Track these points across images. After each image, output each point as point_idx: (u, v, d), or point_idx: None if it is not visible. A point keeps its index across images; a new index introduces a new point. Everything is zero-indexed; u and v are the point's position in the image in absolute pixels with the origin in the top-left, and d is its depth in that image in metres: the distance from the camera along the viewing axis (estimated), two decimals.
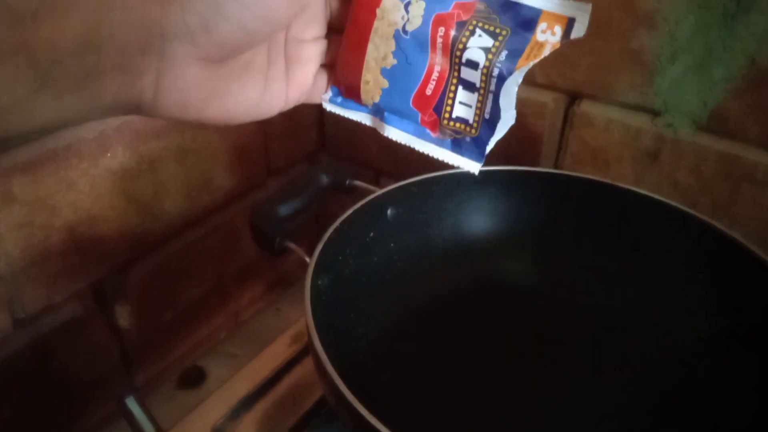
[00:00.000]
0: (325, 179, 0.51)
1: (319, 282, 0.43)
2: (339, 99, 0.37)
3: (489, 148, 0.34)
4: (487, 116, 0.34)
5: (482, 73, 0.34)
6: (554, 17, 0.34)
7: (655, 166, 0.61)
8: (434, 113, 0.35)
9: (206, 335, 0.78)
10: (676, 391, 0.47)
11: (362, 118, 0.37)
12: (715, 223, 0.50)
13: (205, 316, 0.78)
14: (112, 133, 0.59)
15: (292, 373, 0.52)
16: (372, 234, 0.50)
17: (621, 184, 0.55)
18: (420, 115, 0.35)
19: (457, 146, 0.36)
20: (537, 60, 0.34)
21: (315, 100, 0.37)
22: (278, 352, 0.53)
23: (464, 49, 0.33)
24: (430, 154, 0.36)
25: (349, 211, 0.47)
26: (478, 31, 0.33)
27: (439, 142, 0.36)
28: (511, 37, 0.34)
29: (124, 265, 0.65)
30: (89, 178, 0.58)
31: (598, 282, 0.55)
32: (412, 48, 0.34)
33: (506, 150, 0.41)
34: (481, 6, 0.34)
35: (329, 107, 0.37)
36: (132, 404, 0.45)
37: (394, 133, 0.36)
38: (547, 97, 0.64)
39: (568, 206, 0.57)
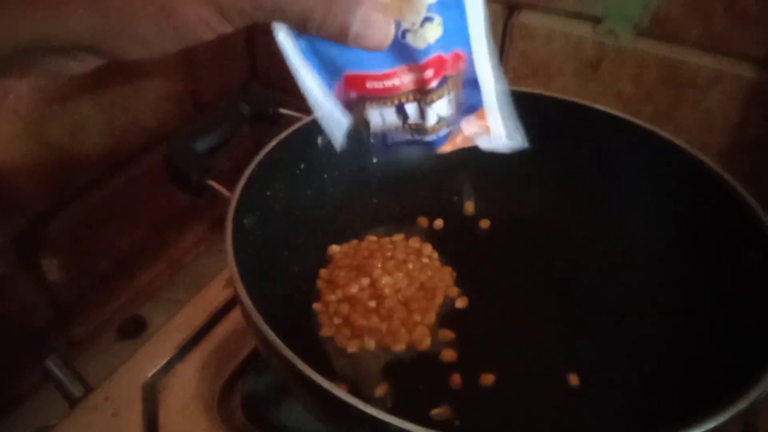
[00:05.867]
0: (246, 108, 0.47)
1: (245, 221, 0.40)
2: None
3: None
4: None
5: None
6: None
7: (597, 76, 0.59)
8: (350, 94, 0.32)
9: (147, 283, 0.75)
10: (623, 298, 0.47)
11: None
12: (659, 131, 0.49)
13: (144, 264, 0.75)
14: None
15: (229, 318, 0.49)
16: (303, 165, 0.47)
17: (563, 96, 0.52)
18: (337, 81, 0.31)
19: None
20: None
21: None
22: (212, 297, 0.50)
23: (429, 103, 0.32)
24: None
25: (273, 142, 0.44)
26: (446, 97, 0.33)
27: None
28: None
29: (46, 215, 0.61)
30: None
31: (540, 195, 0.53)
32: (396, 47, 0.30)
33: None
34: (461, 68, 0.33)
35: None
36: (54, 364, 0.43)
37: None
38: None
39: None
